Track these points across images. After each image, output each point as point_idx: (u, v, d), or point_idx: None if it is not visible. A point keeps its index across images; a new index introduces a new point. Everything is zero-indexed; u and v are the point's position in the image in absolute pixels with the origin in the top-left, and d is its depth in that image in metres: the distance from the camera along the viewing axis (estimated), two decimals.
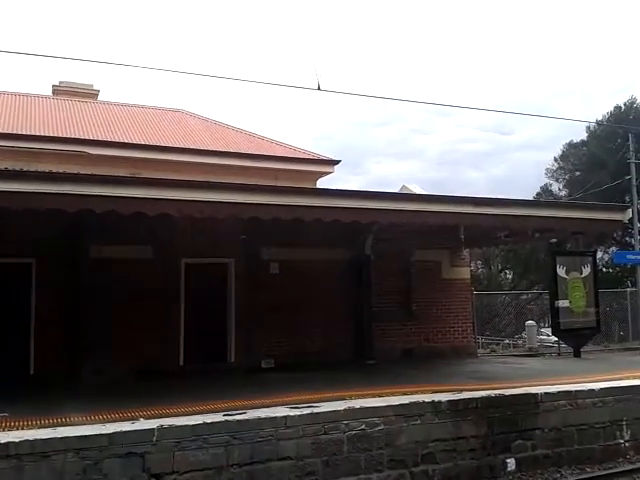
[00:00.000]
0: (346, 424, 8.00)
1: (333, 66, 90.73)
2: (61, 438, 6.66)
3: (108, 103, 23.48)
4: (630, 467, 9.50)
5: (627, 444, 10.00)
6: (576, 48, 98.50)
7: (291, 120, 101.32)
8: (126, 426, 7.13)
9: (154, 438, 6.97)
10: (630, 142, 24.58)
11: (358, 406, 8.27)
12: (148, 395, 9.33)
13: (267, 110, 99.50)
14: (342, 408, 8.14)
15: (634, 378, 10.94)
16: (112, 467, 6.76)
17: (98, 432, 6.87)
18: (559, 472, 9.22)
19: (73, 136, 18.47)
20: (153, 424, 7.16)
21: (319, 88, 11.49)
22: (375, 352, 14.22)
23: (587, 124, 39.30)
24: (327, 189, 13.96)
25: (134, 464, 6.86)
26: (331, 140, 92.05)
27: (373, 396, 8.92)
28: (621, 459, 9.83)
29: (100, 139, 18.66)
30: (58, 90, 23.81)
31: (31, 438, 6.60)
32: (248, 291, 14.06)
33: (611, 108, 40.64)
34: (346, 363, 13.48)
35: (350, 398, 8.72)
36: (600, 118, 40.62)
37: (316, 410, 8.00)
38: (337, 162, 21.49)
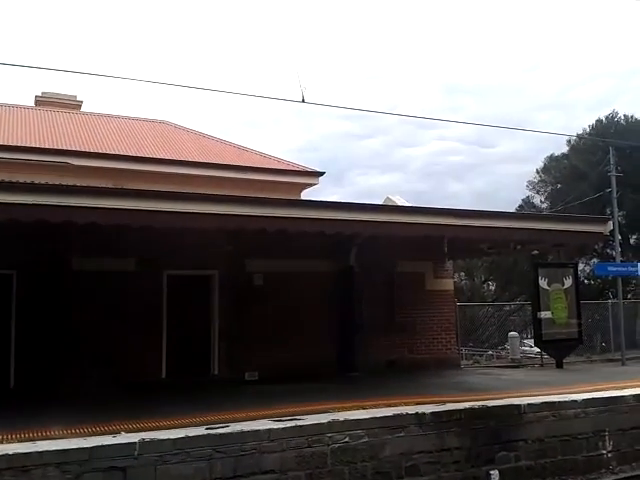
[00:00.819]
0: (330, 437, 7.97)
1: (318, 78, 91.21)
2: (41, 452, 6.57)
3: (91, 114, 23.38)
4: (613, 478, 9.60)
5: (609, 455, 10.06)
6: (558, 61, 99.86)
7: (276, 131, 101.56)
8: (107, 440, 7.05)
9: (136, 452, 6.90)
10: (611, 155, 24.85)
11: (342, 419, 8.25)
12: (130, 408, 9.24)
13: (252, 121, 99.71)
14: (326, 421, 8.12)
15: (616, 389, 11.03)
16: None
17: (79, 446, 6.78)
18: None
19: (56, 147, 18.35)
20: (135, 438, 7.08)
21: (303, 100, 11.55)
22: (359, 364, 14.20)
23: (568, 137, 39.83)
24: (311, 200, 14.00)
25: (115, 478, 6.77)
26: (316, 152, 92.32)
27: (357, 408, 8.90)
28: (604, 470, 9.90)
29: (83, 150, 18.56)
30: (41, 101, 23.70)
31: (10, 452, 6.50)
32: (232, 303, 14.01)
33: (592, 121, 41.27)
34: (330, 375, 13.44)
35: (334, 410, 8.69)
36: (581, 131, 41.19)
37: (300, 423, 7.96)
38: (321, 174, 21.57)
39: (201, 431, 7.44)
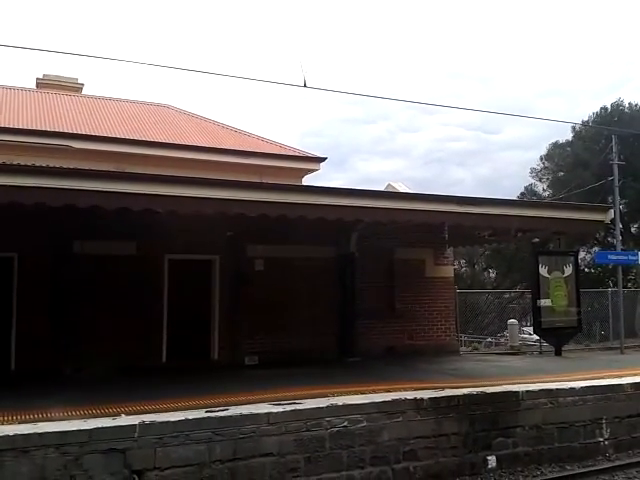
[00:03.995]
0: (328, 421, 8.02)
1: (320, 63, 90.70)
2: (41, 434, 6.63)
3: (92, 97, 23.31)
4: (609, 465, 9.62)
5: (607, 442, 10.12)
6: (562, 48, 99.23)
7: (278, 116, 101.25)
8: (107, 422, 7.10)
9: (135, 434, 6.95)
10: (613, 144, 24.73)
11: (341, 403, 8.30)
12: (130, 391, 9.31)
13: (254, 106, 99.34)
14: (325, 405, 8.17)
15: (614, 377, 11.08)
16: (93, 463, 6.74)
17: (79, 428, 6.84)
18: (539, 469, 9.32)
19: (57, 130, 18.31)
20: (134, 420, 7.14)
21: (305, 85, 11.48)
22: (359, 349, 14.26)
23: (573, 124, 39.51)
24: (312, 186, 13.94)
25: (115, 460, 6.83)
26: (318, 137, 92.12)
27: (356, 393, 8.95)
28: (600, 457, 9.95)
29: (84, 133, 18.52)
30: (42, 83, 23.62)
31: (11, 433, 6.56)
32: (232, 288, 14.05)
33: (597, 109, 40.99)
34: (330, 360, 13.52)
35: (333, 395, 8.75)
36: (586, 119, 40.89)
37: (299, 407, 8.02)
38: (323, 159, 21.53)
39: (201, 414, 7.50)
